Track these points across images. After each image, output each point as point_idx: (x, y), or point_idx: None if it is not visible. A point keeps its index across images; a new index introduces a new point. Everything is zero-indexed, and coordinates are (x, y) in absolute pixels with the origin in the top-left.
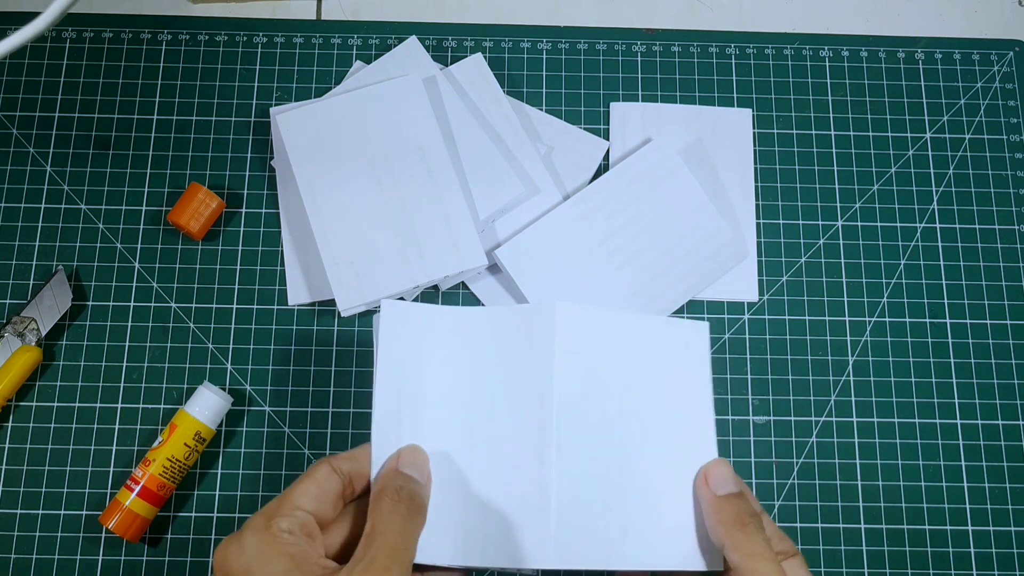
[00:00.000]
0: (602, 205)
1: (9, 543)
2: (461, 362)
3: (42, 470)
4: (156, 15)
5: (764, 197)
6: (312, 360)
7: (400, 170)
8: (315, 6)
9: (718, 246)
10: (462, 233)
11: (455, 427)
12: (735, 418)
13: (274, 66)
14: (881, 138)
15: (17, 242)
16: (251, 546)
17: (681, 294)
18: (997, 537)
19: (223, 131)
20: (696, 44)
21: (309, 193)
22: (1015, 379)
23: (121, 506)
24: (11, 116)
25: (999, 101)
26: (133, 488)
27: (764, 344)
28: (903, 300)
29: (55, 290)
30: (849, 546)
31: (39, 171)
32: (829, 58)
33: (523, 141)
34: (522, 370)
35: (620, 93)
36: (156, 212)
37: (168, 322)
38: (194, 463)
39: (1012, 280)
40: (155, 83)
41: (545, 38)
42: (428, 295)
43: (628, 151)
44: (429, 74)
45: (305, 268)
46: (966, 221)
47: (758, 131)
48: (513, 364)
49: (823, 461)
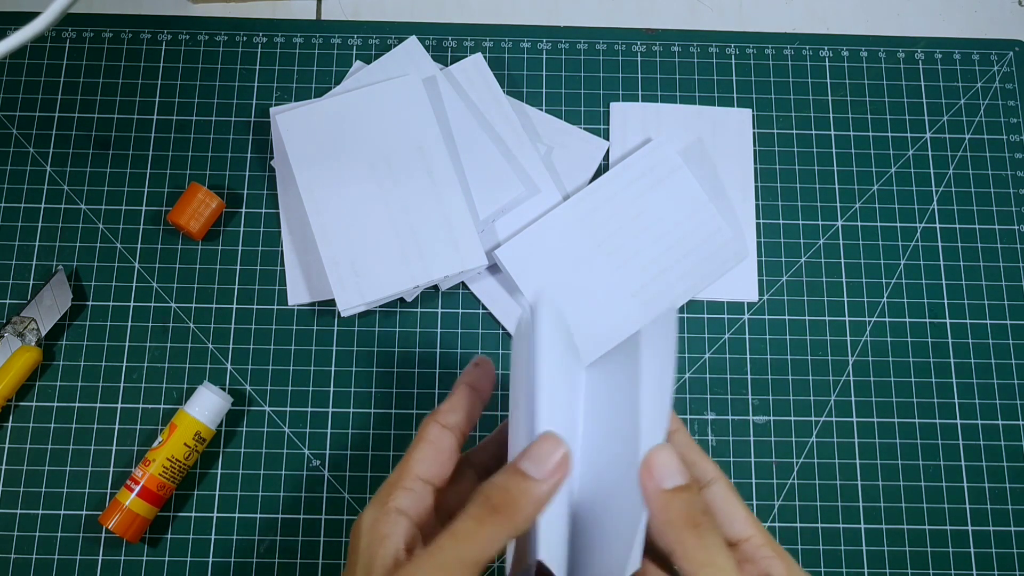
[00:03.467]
0: (602, 205)
1: (9, 543)
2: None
3: (42, 470)
4: (156, 15)
5: (764, 197)
6: (312, 360)
7: (400, 170)
8: (315, 6)
9: (718, 246)
10: (462, 233)
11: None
12: (735, 418)
13: (274, 66)
14: (881, 138)
15: (17, 242)
16: (368, 526)
17: (681, 294)
18: (997, 537)
19: (223, 131)
20: (696, 44)
21: (309, 193)
22: (1015, 379)
23: (121, 506)
24: (11, 116)
25: (999, 101)
26: (133, 488)
27: (764, 344)
28: (903, 300)
29: (55, 290)
30: (849, 546)
31: (39, 171)
32: (829, 58)
33: (523, 141)
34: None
35: (620, 93)
36: (156, 212)
37: (168, 322)
38: (194, 463)
39: (1012, 280)
40: (155, 83)
41: (545, 38)
42: (428, 295)
43: (628, 151)
44: (429, 74)
45: (305, 268)
46: (966, 221)
47: (758, 131)
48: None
49: (823, 461)
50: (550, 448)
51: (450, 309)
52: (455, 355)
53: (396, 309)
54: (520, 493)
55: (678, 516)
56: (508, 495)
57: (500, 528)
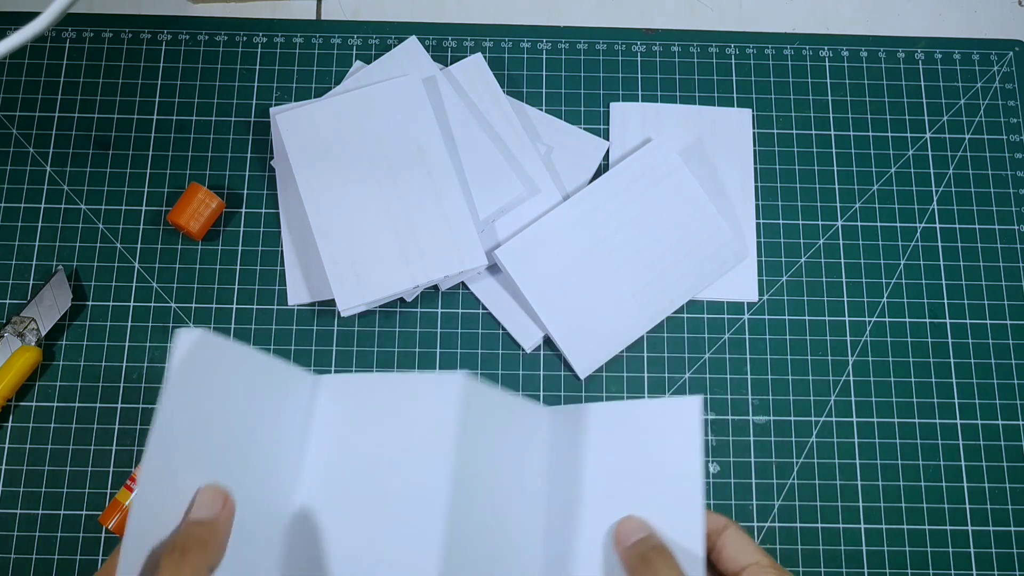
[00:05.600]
0: (602, 205)
1: (9, 543)
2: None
3: (42, 470)
4: (156, 15)
5: (764, 197)
6: (312, 360)
7: (400, 170)
8: (315, 6)
9: (718, 246)
10: (462, 233)
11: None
12: (735, 418)
13: (274, 66)
14: (881, 138)
15: (17, 242)
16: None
17: (681, 294)
18: (997, 537)
19: (223, 131)
20: (696, 44)
21: (309, 193)
22: (1015, 379)
23: (121, 506)
24: (11, 116)
25: (999, 101)
26: (133, 488)
27: (764, 344)
28: (903, 300)
29: (55, 290)
30: (849, 546)
31: (39, 171)
32: (829, 58)
33: (523, 141)
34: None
35: (620, 93)
36: (156, 212)
37: (168, 322)
38: None
39: (1012, 280)
40: (155, 83)
41: (545, 38)
42: (428, 295)
43: (628, 151)
44: (429, 74)
45: (305, 268)
46: (966, 221)
47: (758, 131)
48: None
49: (823, 461)
50: (213, 494)
51: (450, 309)
52: (455, 355)
53: (396, 309)
54: (204, 531)
55: (633, 559)
56: (191, 538)
57: (198, 563)
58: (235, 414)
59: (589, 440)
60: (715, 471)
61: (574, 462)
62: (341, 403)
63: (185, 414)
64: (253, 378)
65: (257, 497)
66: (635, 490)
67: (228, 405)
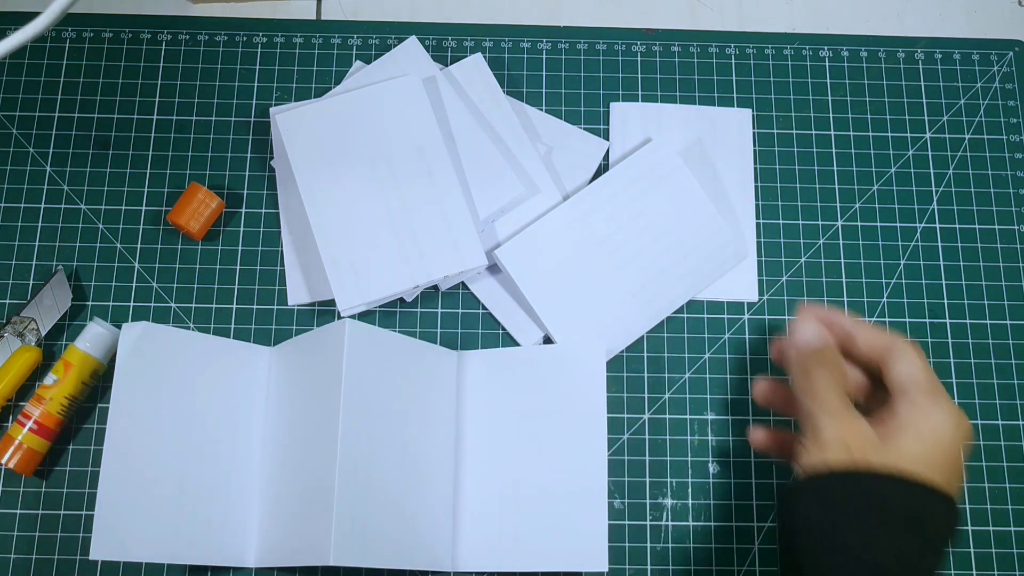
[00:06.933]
0: (602, 205)
1: (9, 543)
2: None
3: (41, 470)
4: (156, 15)
5: (764, 197)
6: None
7: (400, 170)
8: (315, 6)
9: (718, 246)
10: (462, 233)
11: None
12: (735, 418)
13: (274, 66)
14: (881, 138)
15: (17, 242)
16: None
17: (681, 294)
18: (997, 537)
19: (223, 131)
20: (696, 44)
21: (309, 193)
22: (1015, 379)
23: (13, 441)
24: (11, 116)
25: (999, 101)
26: (25, 423)
27: (764, 344)
28: (903, 300)
29: (55, 290)
30: None
31: (39, 171)
32: (829, 58)
33: (523, 141)
34: None
35: (620, 93)
36: (156, 212)
37: (168, 322)
38: (87, 398)
39: (1012, 280)
40: (155, 83)
41: (545, 38)
42: (428, 295)
43: (628, 151)
44: (429, 74)
45: (305, 268)
46: (966, 221)
47: (758, 131)
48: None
49: None
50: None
51: (450, 309)
52: None
53: (396, 309)
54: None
55: (795, 365)
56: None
57: None
58: (190, 390)
59: (501, 381)
60: (715, 471)
61: (486, 401)
62: (283, 365)
63: (137, 394)
64: (204, 358)
65: (224, 458)
66: (545, 427)
67: (181, 383)
